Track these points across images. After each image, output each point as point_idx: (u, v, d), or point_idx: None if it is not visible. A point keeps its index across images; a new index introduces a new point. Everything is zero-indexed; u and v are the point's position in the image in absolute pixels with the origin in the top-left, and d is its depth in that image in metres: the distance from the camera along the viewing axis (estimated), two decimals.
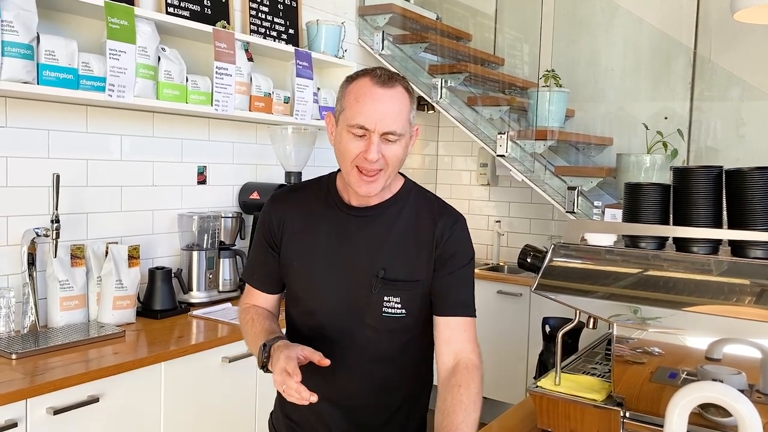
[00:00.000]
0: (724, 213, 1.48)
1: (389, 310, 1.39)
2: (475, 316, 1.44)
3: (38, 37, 2.12)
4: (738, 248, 1.44)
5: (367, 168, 1.32)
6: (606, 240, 1.58)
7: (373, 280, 1.39)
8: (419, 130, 4.44)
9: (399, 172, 1.47)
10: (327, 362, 1.28)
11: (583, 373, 1.67)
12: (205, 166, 2.98)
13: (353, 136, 1.32)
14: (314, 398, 1.23)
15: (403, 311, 1.40)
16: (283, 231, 1.47)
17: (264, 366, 1.35)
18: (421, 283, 1.41)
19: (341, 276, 1.41)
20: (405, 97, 1.36)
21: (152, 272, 2.59)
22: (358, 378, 1.45)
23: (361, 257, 1.41)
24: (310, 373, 1.43)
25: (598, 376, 1.64)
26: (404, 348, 1.46)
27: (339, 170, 1.47)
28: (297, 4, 3.36)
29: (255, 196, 3.06)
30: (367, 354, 1.44)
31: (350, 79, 1.37)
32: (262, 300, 1.55)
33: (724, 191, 1.48)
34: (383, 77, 1.33)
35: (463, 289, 1.44)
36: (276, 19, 3.23)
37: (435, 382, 1.50)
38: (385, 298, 1.38)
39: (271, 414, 1.62)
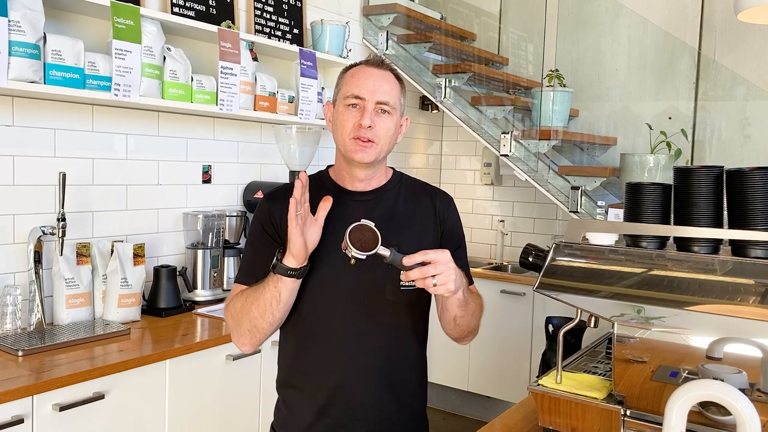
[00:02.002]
0: (725, 213, 1.48)
1: (405, 284, 1.44)
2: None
3: (45, 37, 2.14)
4: (738, 248, 1.45)
5: (362, 134, 1.43)
6: (607, 239, 1.59)
7: None
8: (418, 128, 4.47)
9: (388, 166, 1.58)
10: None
11: (584, 371, 1.68)
12: (209, 165, 3.00)
13: (349, 107, 1.44)
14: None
15: (415, 283, 1.44)
16: (286, 226, 1.45)
17: (276, 264, 1.36)
18: None
19: None
20: (395, 81, 1.49)
21: (157, 270, 2.61)
22: (379, 359, 1.48)
23: None
24: (329, 363, 1.47)
25: (599, 375, 1.64)
26: (416, 322, 1.53)
27: (328, 166, 1.59)
28: (301, 3, 3.37)
29: (259, 195, 3.07)
30: (389, 332, 1.48)
31: (347, 67, 1.52)
32: None
33: (725, 191, 1.48)
34: (376, 61, 1.49)
35: (465, 260, 1.60)
36: (281, 19, 3.24)
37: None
38: (401, 272, 1.41)
39: (272, 425, 1.60)
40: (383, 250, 1.27)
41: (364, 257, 1.27)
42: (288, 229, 1.34)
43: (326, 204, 1.37)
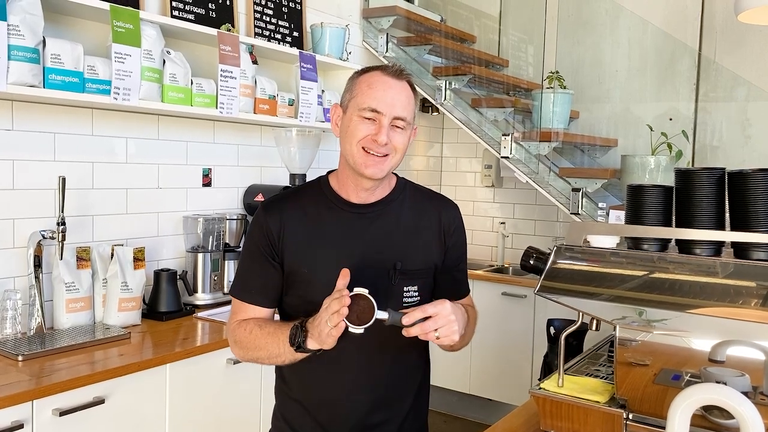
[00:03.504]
0: (727, 215, 1.48)
1: (408, 299, 1.43)
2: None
3: (44, 41, 2.13)
4: (741, 250, 1.44)
5: (375, 150, 1.37)
6: (609, 242, 1.58)
7: (390, 272, 1.41)
8: (418, 130, 4.47)
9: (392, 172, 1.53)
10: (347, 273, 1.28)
11: (586, 374, 1.67)
12: (209, 169, 3.00)
13: (363, 119, 1.38)
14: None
15: (419, 297, 1.45)
16: (283, 239, 1.43)
17: (300, 344, 1.32)
18: (433, 269, 1.49)
19: (357, 273, 1.39)
20: (411, 92, 1.44)
21: (157, 274, 2.61)
22: (380, 371, 1.46)
23: (374, 252, 1.41)
24: (330, 375, 1.44)
25: (601, 378, 1.64)
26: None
27: (329, 172, 1.52)
28: (301, 6, 3.37)
29: (260, 198, 3.07)
30: (391, 344, 1.45)
31: (361, 71, 1.45)
32: (258, 316, 1.47)
33: (726, 193, 1.48)
34: (395, 71, 1.42)
35: (465, 271, 1.59)
36: (280, 22, 3.24)
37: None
38: (405, 288, 1.40)
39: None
40: (381, 315, 1.25)
41: (362, 331, 1.24)
42: (323, 332, 1.26)
43: (347, 300, 1.24)
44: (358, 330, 1.24)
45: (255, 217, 1.49)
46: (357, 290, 1.25)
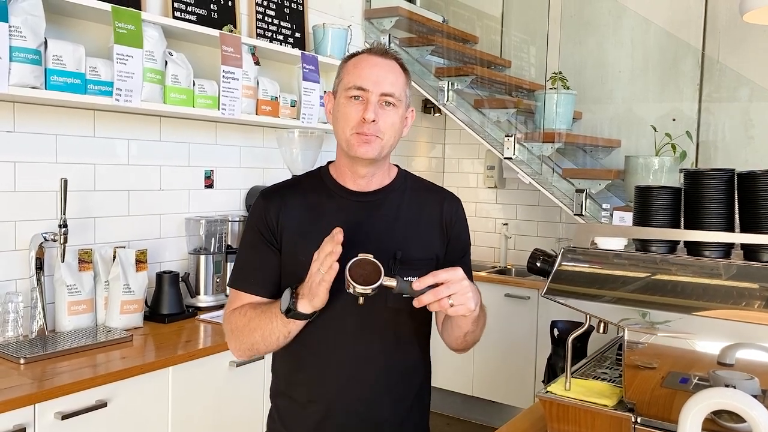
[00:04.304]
0: (737, 216, 1.46)
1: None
2: None
3: (46, 42, 2.12)
4: (751, 252, 1.43)
5: (365, 131, 1.35)
6: (616, 244, 1.56)
7: (390, 261, 1.37)
8: (420, 131, 4.46)
9: (393, 163, 1.51)
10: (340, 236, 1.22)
11: (593, 378, 1.66)
12: (212, 170, 2.99)
13: (352, 100, 1.36)
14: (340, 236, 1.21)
15: None
16: (282, 226, 1.41)
17: (290, 307, 1.28)
18: (434, 260, 1.45)
19: None
20: (400, 70, 1.41)
21: (160, 276, 2.60)
22: (378, 369, 1.42)
23: (374, 241, 1.38)
24: (326, 373, 1.41)
25: (608, 381, 1.62)
26: (419, 329, 1.49)
27: (329, 162, 1.51)
28: (303, 7, 3.36)
29: None
30: (389, 340, 1.43)
31: (349, 56, 1.43)
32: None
33: (736, 194, 1.46)
34: (380, 50, 1.40)
35: (469, 265, 1.53)
36: (282, 23, 3.23)
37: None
38: (404, 278, 1.37)
39: None
40: (388, 281, 1.21)
41: (369, 291, 1.20)
42: (314, 281, 1.24)
43: (339, 237, 1.22)
44: (366, 290, 1.20)
45: (254, 204, 1.47)
46: (362, 255, 1.21)
